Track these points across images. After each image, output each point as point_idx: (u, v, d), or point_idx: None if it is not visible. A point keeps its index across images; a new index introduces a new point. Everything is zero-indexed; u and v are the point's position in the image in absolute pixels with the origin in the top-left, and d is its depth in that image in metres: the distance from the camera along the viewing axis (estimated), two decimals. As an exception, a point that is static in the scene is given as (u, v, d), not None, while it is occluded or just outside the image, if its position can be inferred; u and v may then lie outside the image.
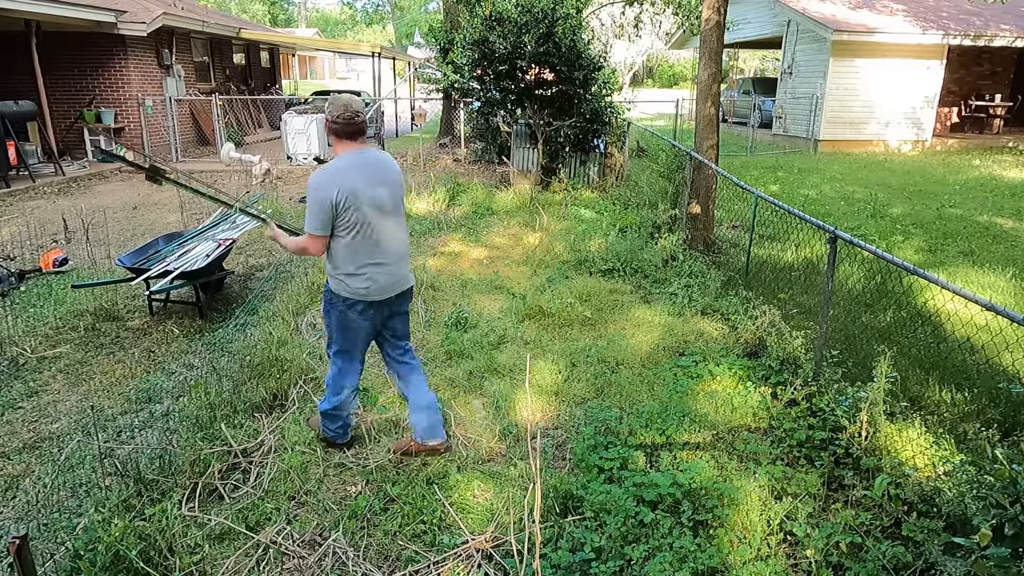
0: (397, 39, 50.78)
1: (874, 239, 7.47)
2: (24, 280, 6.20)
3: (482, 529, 2.87)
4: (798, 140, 16.49)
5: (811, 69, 16.22)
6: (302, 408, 3.87)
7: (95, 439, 3.42)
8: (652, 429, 3.53)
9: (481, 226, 8.29)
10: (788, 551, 2.78)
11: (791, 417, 3.66)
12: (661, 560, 2.62)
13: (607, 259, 6.53)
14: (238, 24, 19.12)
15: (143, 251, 5.61)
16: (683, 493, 2.97)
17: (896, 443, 3.19)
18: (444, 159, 13.32)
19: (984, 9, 15.78)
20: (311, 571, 2.69)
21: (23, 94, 11.49)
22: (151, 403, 4.01)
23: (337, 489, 3.20)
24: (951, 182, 11.63)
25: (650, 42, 35.54)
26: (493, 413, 3.85)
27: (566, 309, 5.25)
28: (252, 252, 7.35)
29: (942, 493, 2.76)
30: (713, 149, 7.07)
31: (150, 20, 12.63)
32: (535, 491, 1.95)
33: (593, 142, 10.64)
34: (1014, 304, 5.63)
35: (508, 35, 9.69)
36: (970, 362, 4.25)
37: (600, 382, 4.21)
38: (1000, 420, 3.48)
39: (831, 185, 11.43)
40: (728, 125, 20.61)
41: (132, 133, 13.35)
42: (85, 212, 8.23)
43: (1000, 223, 8.64)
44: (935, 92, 16.05)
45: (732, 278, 6.05)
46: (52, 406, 4.03)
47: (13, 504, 3.10)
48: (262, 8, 56.10)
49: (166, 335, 5.11)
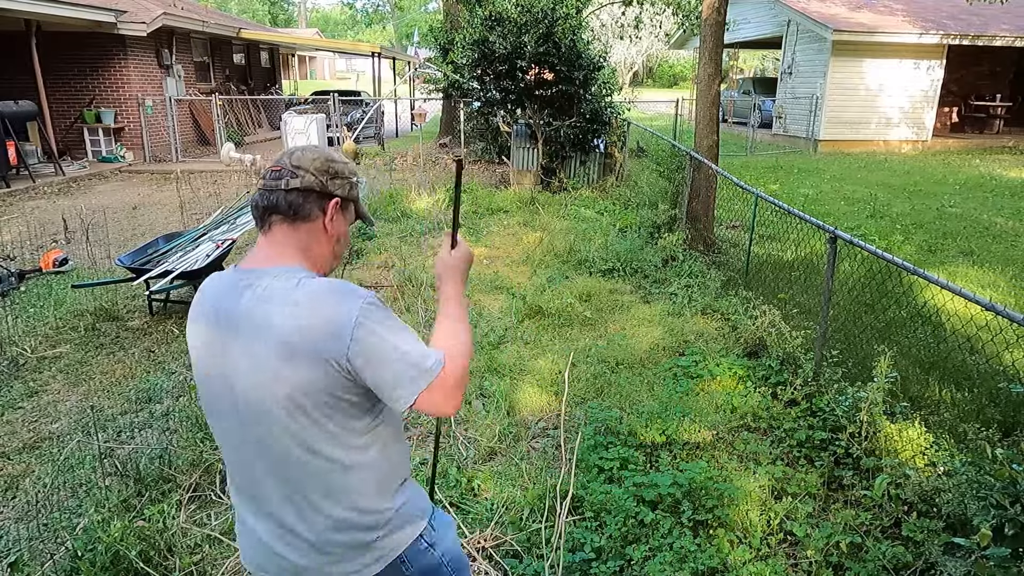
0: (397, 39, 50.79)
1: (874, 239, 7.46)
2: (24, 280, 6.20)
3: (482, 528, 2.87)
4: (798, 140, 16.49)
5: (811, 69, 16.22)
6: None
7: (95, 439, 3.42)
8: (652, 429, 3.53)
9: (481, 226, 8.29)
10: (788, 551, 2.78)
11: (791, 417, 3.66)
12: (661, 560, 2.62)
13: (607, 259, 6.53)
14: (238, 24, 19.12)
15: (143, 251, 5.62)
16: (683, 493, 2.97)
17: (896, 443, 3.19)
18: (444, 159, 13.32)
19: (984, 9, 15.76)
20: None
21: (23, 94, 11.49)
22: (151, 403, 4.01)
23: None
24: (951, 182, 11.63)
25: (650, 42, 35.58)
26: (493, 413, 3.85)
27: (566, 309, 5.25)
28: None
29: (942, 493, 2.76)
30: (713, 149, 7.07)
31: (150, 20, 12.63)
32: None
33: (593, 142, 10.65)
34: (1014, 304, 5.63)
35: (508, 35, 9.69)
36: (970, 362, 4.25)
37: (600, 382, 4.21)
38: (1000, 420, 3.48)
39: (831, 185, 11.43)
40: (728, 125, 20.60)
41: (132, 133, 13.36)
42: (85, 212, 8.23)
43: (1000, 223, 8.64)
44: (935, 92, 16.05)
45: (732, 278, 6.04)
46: (52, 406, 4.02)
47: (13, 504, 3.10)
48: (262, 8, 56.13)
49: (166, 335, 5.10)
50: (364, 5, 54.79)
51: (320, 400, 1.27)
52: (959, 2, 16.49)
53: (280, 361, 1.26)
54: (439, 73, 15.24)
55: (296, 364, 1.25)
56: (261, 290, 1.31)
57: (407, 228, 8.12)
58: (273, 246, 1.39)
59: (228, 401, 1.35)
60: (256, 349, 1.28)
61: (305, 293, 1.28)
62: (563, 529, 2.78)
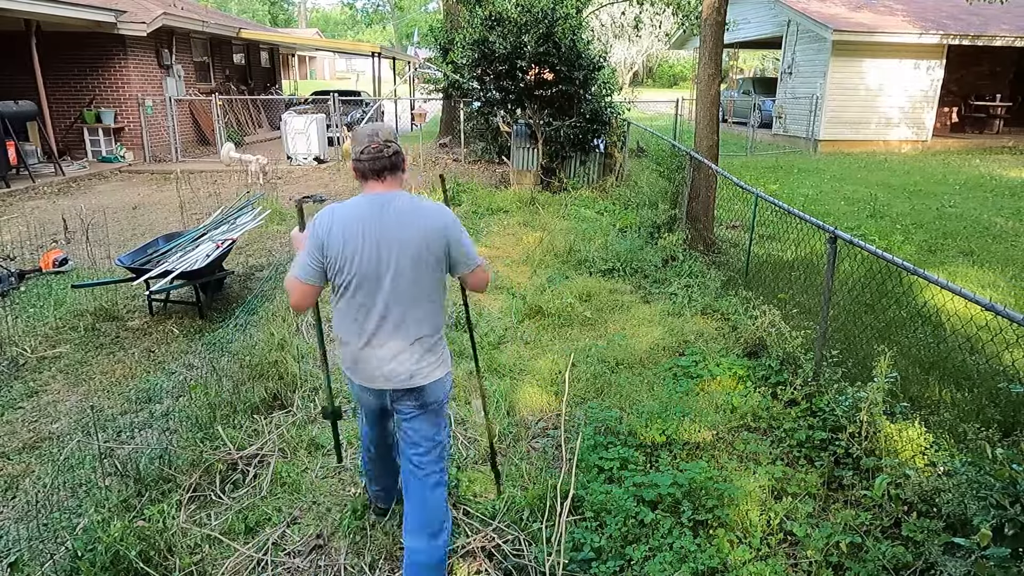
0: (397, 39, 50.79)
1: (874, 239, 7.47)
2: (24, 280, 6.20)
3: (483, 528, 2.87)
4: (798, 140, 16.49)
5: (811, 69, 16.22)
6: (305, 410, 3.87)
7: (95, 439, 3.41)
8: (652, 429, 3.53)
9: (481, 226, 8.29)
10: (788, 551, 2.78)
11: (791, 417, 3.66)
12: (661, 560, 2.62)
13: (607, 259, 6.53)
14: (238, 24, 19.12)
15: (143, 251, 5.61)
16: (683, 493, 2.97)
17: (896, 443, 3.19)
18: (444, 159, 13.33)
19: (984, 9, 15.77)
20: (311, 572, 2.69)
21: (23, 94, 11.49)
22: (151, 403, 4.01)
23: (337, 490, 3.20)
24: (951, 182, 11.63)
25: (650, 42, 35.57)
26: (493, 413, 3.85)
27: (566, 309, 5.25)
28: (252, 252, 7.35)
29: (942, 493, 2.76)
30: (713, 149, 7.07)
31: (150, 20, 12.63)
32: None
33: (593, 142, 10.64)
34: (1014, 304, 5.63)
35: (508, 35, 9.69)
36: (970, 362, 4.25)
37: (600, 382, 4.21)
38: (1000, 420, 3.48)
39: (831, 185, 11.44)
40: (728, 125, 20.60)
41: (132, 133, 13.35)
42: (85, 212, 8.23)
43: (1000, 223, 8.64)
44: (935, 92, 16.05)
45: (732, 278, 6.04)
46: (52, 406, 4.03)
47: (13, 504, 3.10)
48: (262, 8, 56.12)
49: (166, 335, 5.10)
50: (364, 5, 54.82)
51: (432, 261, 2.30)
52: (959, 2, 16.50)
53: (421, 241, 2.26)
54: (439, 73, 15.23)
55: (429, 242, 2.27)
56: (399, 203, 2.28)
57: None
58: (387, 186, 2.31)
59: (379, 269, 2.25)
60: (406, 235, 2.24)
61: (427, 204, 2.34)
62: (563, 529, 2.78)
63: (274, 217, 8.16)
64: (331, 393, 2.79)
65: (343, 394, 3.87)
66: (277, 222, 8.24)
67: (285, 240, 7.72)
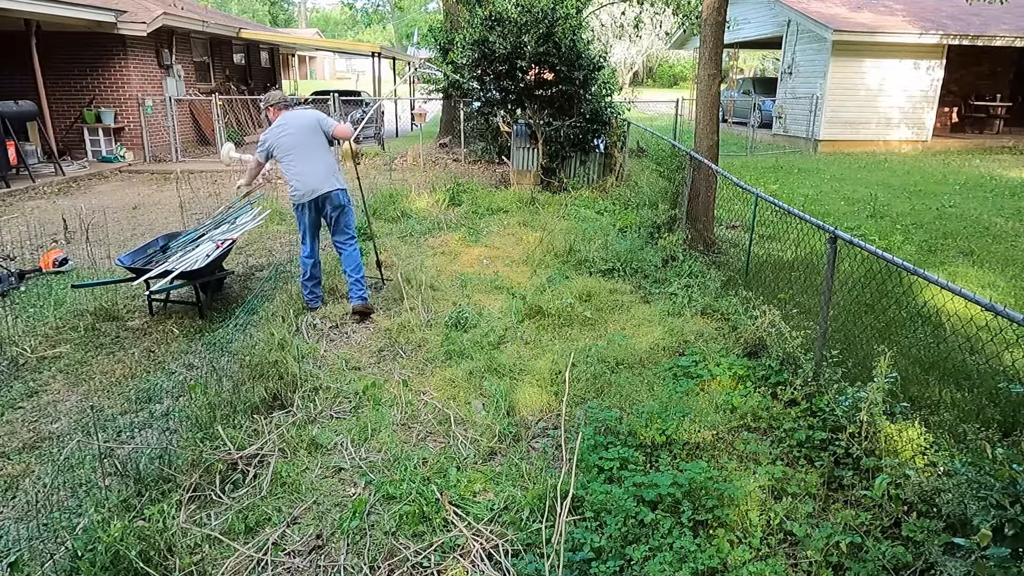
0: (397, 39, 50.79)
1: (874, 239, 7.47)
2: (24, 280, 6.20)
3: (482, 528, 2.87)
4: (798, 140, 16.50)
5: (811, 69, 16.23)
6: (305, 410, 3.87)
7: (95, 439, 3.42)
8: (652, 429, 3.53)
9: (481, 226, 8.29)
10: (788, 551, 2.78)
11: (791, 417, 3.66)
12: (661, 560, 2.62)
13: (607, 259, 6.53)
14: (238, 24, 19.12)
15: (143, 251, 5.61)
16: (683, 493, 2.97)
17: (896, 443, 3.19)
18: (444, 159, 13.32)
19: (984, 9, 15.77)
20: (311, 572, 2.69)
21: (23, 94, 11.50)
22: (151, 403, 4.01)
23: (336, 490, 3.20)
24: (951, 182, 11.63)
25: (650, 42, 35.58)
26: (493, 413, 3.85)
27: (566, 309, 5.25)
28: (252, 252, 7.35)
29: (942, 493, 2.76)
30: (713, 149, 7.07)
31: (150, 20, 12.63)
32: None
33: (593, 142, 10.64)
34: (1014, 304, 5.63)
35: (508, 35, 9.69)
36: (970, 362, 4.25)
37: (600, 382, 4.21)
38: (1000, 420, 3.48)
39: (831, 185, 11.44)
40: (728, 125, 20.61)
41: (132, 133, 13.36)
42: (85, 212, 8.23)
43: (1000, 223, 8.64)
44: (935, 92, 16.05)
45: (732, 278, 6.04)
46: (52, 406, 4.03)
47: (13, 504, 3.10)
48: (262, 8, 56.12)
49: (166, 335, 5.11)
50: (364, 5, 54.70)
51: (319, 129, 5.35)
52: (959, 2, 16.50)
53: (313, 122, 5.32)
54: (439, 73, 15.23)
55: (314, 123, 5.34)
56: (300, 112, 5.45)
57: (407, 228, 8.13)
58: (290, 111, 5.48)
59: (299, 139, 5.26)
60: (306, 122, 5.30)
61: (307, 110, 5.60)
62: (563, 529, 2.78)
63: (274, 217, 8.16)
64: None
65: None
66: (277, 222, 8.25)
67: (285, 240, 7.73)
